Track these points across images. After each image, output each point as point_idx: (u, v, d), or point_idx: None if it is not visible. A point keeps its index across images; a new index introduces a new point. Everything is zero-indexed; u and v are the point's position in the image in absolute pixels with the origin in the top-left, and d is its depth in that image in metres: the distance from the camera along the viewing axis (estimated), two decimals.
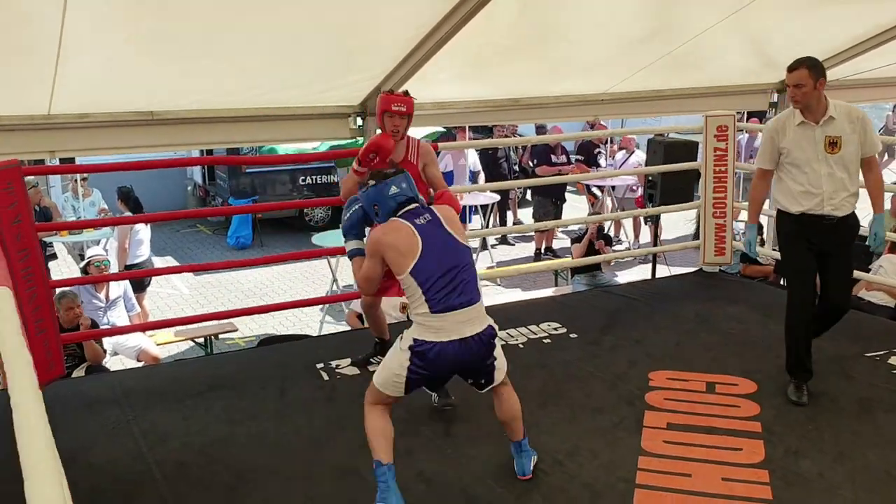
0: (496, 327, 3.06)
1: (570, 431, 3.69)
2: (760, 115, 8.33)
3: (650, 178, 6.53)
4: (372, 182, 3.10)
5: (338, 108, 5.87)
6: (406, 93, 3.99)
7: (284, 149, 8.34)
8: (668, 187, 6.19)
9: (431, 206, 3.11)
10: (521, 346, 4.82)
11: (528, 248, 10.63)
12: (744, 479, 3.27)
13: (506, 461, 3.39)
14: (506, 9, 5.00)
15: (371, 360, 4.40)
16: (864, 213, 3.97)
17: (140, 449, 3.61)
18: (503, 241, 11.09)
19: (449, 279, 2.92)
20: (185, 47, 4.67)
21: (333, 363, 4.51)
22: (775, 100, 7.71)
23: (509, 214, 11.72)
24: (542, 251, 10.30)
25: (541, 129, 11.25)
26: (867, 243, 4.10)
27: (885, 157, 14.85)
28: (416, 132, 8.92)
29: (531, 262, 9.85)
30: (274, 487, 3.28)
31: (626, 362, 4.51)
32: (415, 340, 2.94)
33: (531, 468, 3.26)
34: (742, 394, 4.06)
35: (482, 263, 9.64)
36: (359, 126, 5.93)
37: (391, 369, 3.02)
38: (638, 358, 4.56)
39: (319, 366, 4.48)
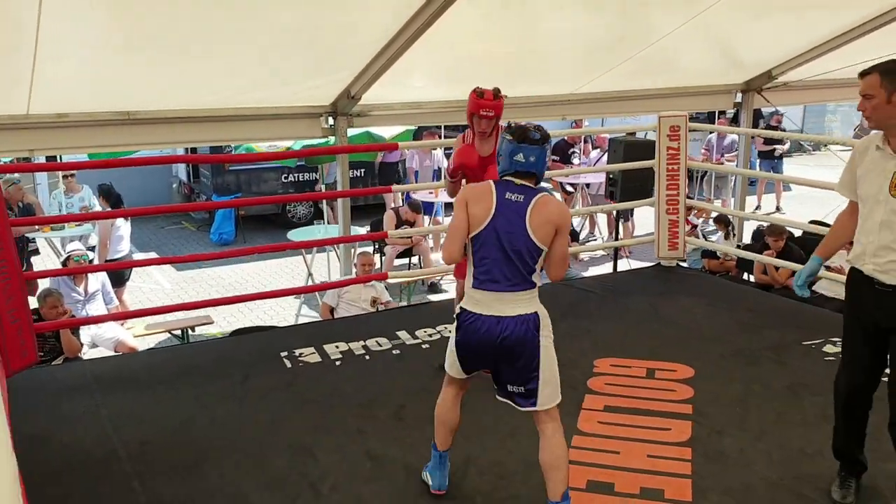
0: (540, 327, 2.91)
1: (513, 413, 3.87)
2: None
3: (611, 175, 6.77)
4: (509, 137, 2.93)
5: (310, 108, 6.09)
6: (497, 92, 3.94)
7: (259, 147, 8.58)
8: (628, 185, 6.44)
9: (539, 196, 2.90)
10: None
11: None
12: (668, 456, 3.51)
13: None
14: (473, 14, 5.21)
15: None
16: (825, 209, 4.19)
17: (107, 431, 3.83)
18: None
19: (503, 260, 2.86)
20: (161, 49, 4.87)
21: (297, 352, 4.74)
22: (739, 99, 7.97)
23: None
24: None
25: None
26: None
27: None
28: (385, 131, 9.23)
29: None
30: (231, 465, 3.51)
31: (576, 350, 4.73)
32: (461, 309, 2.97)
33: None
34: (679, 378, 4.31)
35: None
36: (330, 125, 6.16)
37: (449, 345, 3.07)
38: (586, 346, 4.79)
39: (283, 354, 4.71)
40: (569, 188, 10.79)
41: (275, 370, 4.51)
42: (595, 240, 10.49)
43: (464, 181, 4.04)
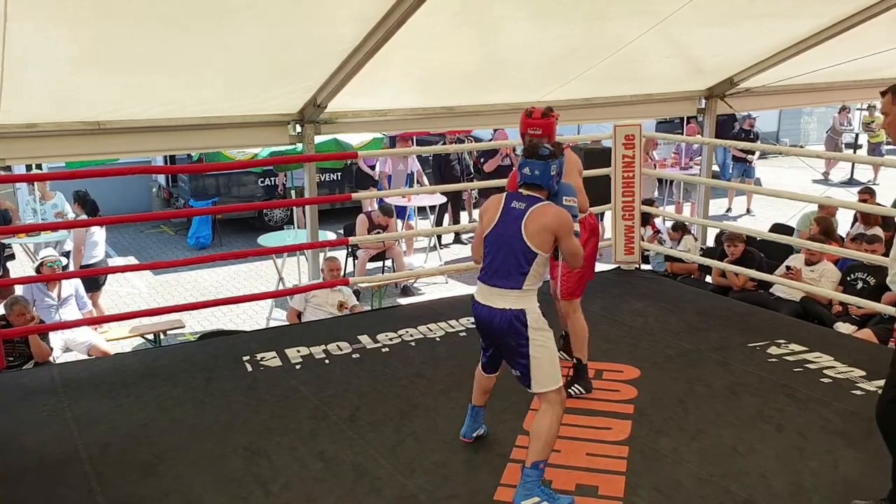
0: (528, 320, 3.25)
1: (463, 415, 4.05)
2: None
3: None
4: (521, 152, 3.44)
5: (277, 116, 6.24)
6: (548, 111, 4.11)
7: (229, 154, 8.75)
8: (588, 191, 6.57)
9: (539, 205, 3.27)
10: (437, 339, 5.21)
11: None
12: (606, 455, 3.68)
13: (400, 443, 3.79)
14: (435, 24, 5.35)
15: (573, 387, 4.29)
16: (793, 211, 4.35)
17: (71, 433, 3.97)
18: (457, 240, 11.48)
19: (499, 260, 3.29)
20: (130, 60, 4.98)
21: (259, 356, 4.89)
22: (703, 106, 8.16)
23: (464, 215, 12.11)
24: None
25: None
26: None
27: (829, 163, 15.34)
28: (354, 138, 9.38)
29: None
30: (188, 466, 3.65)
31: None
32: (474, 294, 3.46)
33: (521, 502, 3.20)
34: (625, 379, 4.48)
35: (432, 263, 10.04)
36: (298, 133, 6.31)
37: None
38: None
39: (246, 358, 4.86)
40: None
41: (236, 374, 4.66)
42: None
43: None
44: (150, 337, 6.89)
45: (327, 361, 4.83)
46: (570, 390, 4.20)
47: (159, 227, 12.59)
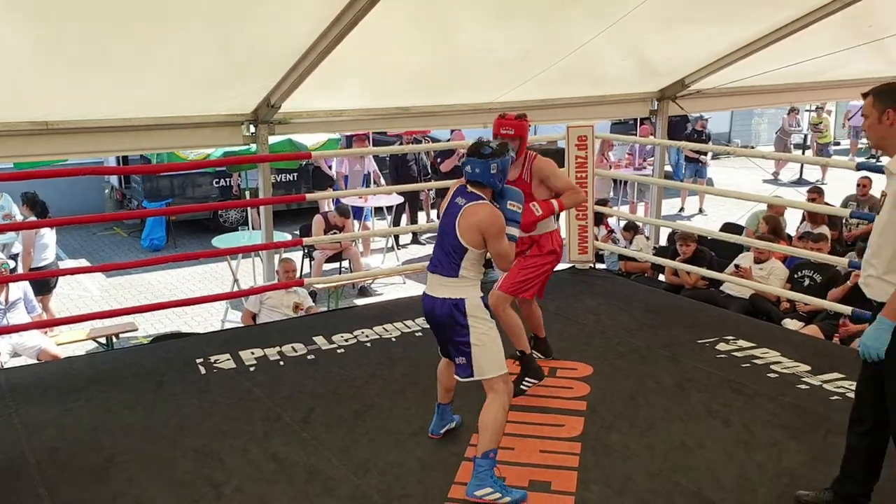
0: (466, 308, 3.32)
1: (418, 415, 4.09)
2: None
3: None
4: (467, 152, 3.46)
5: (231, 116, 6.19)
6: (520, 116, 4.19)
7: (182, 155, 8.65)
8: None
9: (473, 203, 3.33)
10: (393, 339, 5.22)
11: None
12: (559, 451, 3.73)
13: (354, 443, 3.80)
14: (390, 25, 5.35)
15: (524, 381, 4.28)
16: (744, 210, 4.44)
17: (18, 438, 3.90)
18: (414, 240, 11.49)
19: (438, 250, 3.42)
20: (81, 59, 4.91)
21: (212, 358, 4.85)
22: (655, 107, 8.28)
23: (421, 215, 12.13)
24: None
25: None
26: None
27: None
28: (309, 139, 9.35)
29: None
30: (139, 469, 3.61)
31: None
32: None
33: (474, 493, 3.27)
34: (578, 377, 4.54)
35: (389, 263, 10.04)
36: (251, 133, 6.27)
37: None
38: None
39: (199, 361, 4.81)
40: None
41: (189, 377, 4.61)
42: None
43: None
44: (103, 340, 6.80)
45: (282, 363, 4.81)
46: (521, 386, 4.20)
47: (112, 229, 12.38)
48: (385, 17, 5.12)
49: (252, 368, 4.72)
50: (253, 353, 4.92)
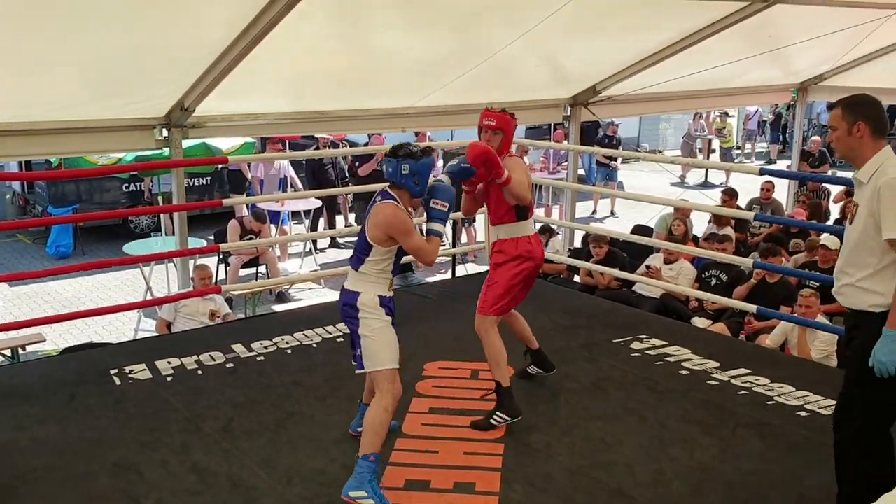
0: (359, 301, 3.42)
1: (341, 420, 4.09)
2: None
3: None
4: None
5: (143, 120, 6.04)
6: (504, 111, 4.11)
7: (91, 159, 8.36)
8: (460, 193, 6.72)
9: (381, 202, 3.44)
10: (314, 345, 5.19)
11: None
12: (482, 452, 3.79)
13: (276, 452, 3.77)
14: (307, 29, 5.33)
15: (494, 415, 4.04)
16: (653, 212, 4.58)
17: None
18: (333, 244, 11.43)
19: (356, 244, 3.53)
20: None
21: (127, 369, 4.72)
22: (568, 113, 8.48)
23: (339, 219, 12.06)
24: None
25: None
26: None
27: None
28: (224, 142, 9.19)
29: None
30: (53, 486, 3.49)
31: (407, 355, 4.86)
32: None
33: (349, 492, 3.27)
34: None
35: (308, 268, 9.95)
36: (164, 137, 6.12)
37: None
38: (418, 350, 5.01)
39: (113, 372, 4.68)
40: None
41: (103, 389, 4.48)
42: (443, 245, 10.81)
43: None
44: (7, 353, 6.51)
45: (200, 372, 4.72)
46: (490, 420, 3.99)
47: (15, 237, 11.85)
48: (302, 20, 5.10)
49: (169, 378, 4.62)
50: (170, 363, 4.81)
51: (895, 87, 8.75)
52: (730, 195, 8.97)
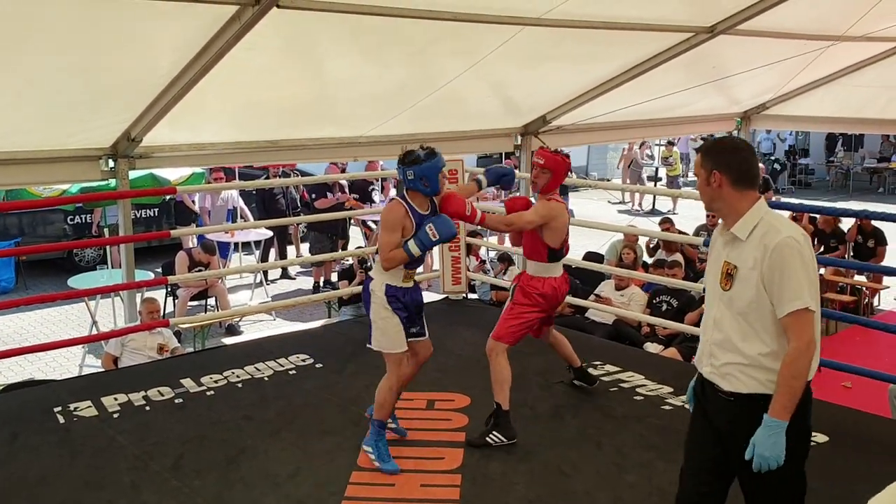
0: (373, 287, 3.83)
1: (294, 455, 4.02)
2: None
3: None
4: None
5: (88, 150, 5.90)
6: (557, 151, 4.42)
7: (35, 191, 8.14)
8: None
9: (388, 202, 3.76)
10: (266, 378, 5.10)
11: (309, 282, 10.91)
12: (439, 484, 3.75)
13: (228, 488, 3.67)
14: (256, 60, 5.28)
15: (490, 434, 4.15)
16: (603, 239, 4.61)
17: None
18: (284, 275, 11.30)
19: None
20: None
21: (72, 406, 4.57)
22: (519, 142, 8.56)
23: (291, 249, 11.94)
24: (321, 284, 10.60)
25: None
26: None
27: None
28: (172, 173, 9.07)
29: (309, 295, 10.10)
30: None
31: (363, 387, 4.87)
32: None
33: (364, 445, 3.90)
34: (455, 408, 4.58)
35: (258, 299, 9.81)
36: (110, 168, 6.00)
37: None
38: (374, 382, 4.84)
39: (57, 409, 4.52)
40: (371, 225, 11.04)
41: (46, 426, 4.32)
42: None
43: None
44: None
45: (148, 408, 4.59)
46: (486, 438, 4.08)
47: None
48: (252, 50, 5.06)
49: (116, 415, 4.48)
50: (116, 399, 4.67)
51: (835, 116, 9.04)
52: (669, 222, 9.22)
